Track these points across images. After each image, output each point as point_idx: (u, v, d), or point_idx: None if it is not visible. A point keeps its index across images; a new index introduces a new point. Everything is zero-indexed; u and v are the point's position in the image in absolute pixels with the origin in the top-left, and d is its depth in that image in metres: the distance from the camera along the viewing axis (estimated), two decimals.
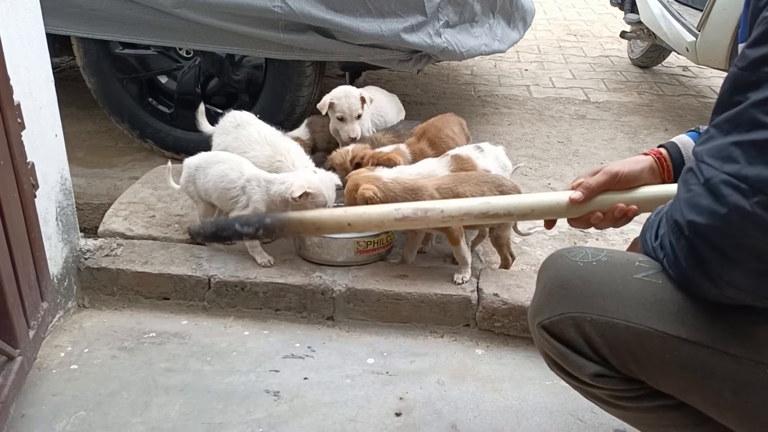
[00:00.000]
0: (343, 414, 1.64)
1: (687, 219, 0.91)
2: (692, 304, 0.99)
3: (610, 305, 1.04)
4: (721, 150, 0.88)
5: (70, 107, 3.38)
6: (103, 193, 2.68)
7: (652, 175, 1.25)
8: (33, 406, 1.64)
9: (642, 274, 1.04)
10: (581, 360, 1.08)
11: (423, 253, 2.31)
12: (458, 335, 1.98)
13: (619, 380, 1.07)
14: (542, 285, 1.16)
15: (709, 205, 0.87)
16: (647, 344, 1.00)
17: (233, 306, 2.05)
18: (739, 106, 0.87)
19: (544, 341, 1.13)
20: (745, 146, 0.85)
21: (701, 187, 0.89)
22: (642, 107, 4.03)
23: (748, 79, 0.87)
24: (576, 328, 1.07)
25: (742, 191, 0.83)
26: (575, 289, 1.08)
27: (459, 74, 4.61)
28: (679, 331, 0.98)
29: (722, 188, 0.86)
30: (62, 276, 1.98)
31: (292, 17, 2.48)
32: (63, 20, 2.70)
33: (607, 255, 1.12)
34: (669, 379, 1.02)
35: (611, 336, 1.04)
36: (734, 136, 0.87)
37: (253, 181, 2.06)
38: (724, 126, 0.89)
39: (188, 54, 2.94)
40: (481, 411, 1.67)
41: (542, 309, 1.13)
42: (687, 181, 0.94)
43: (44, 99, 1.83)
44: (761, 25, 0.86)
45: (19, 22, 1.71)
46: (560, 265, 1.14)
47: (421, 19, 2.56)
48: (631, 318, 1.01)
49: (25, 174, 1.61)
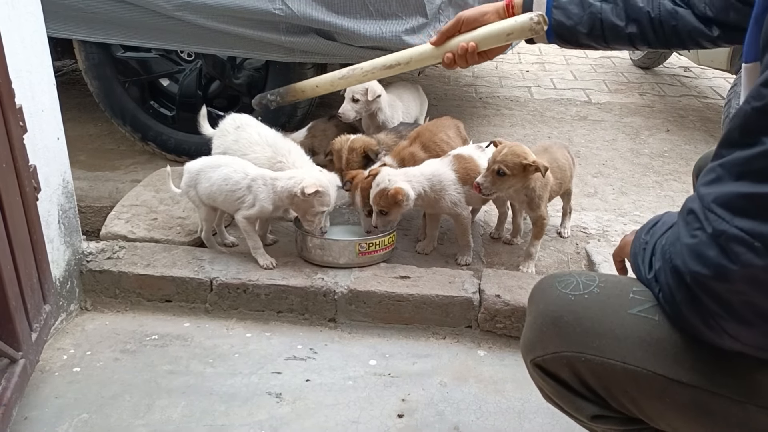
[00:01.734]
0: (345, 416, 1.64)
1: (691, 270, 0.85)
2: (690, 345, 0.94)
3: (606, 345, 0.98)
4: (731, 200, 0.81)
5: (72, 110, 3.39)
6: (105, 196, 2.68)
7: (497, 16, 1.54)
8: (36, 409, 1.64)
9: (637, 308, 0.99)
10: (578, 401, 1.04)
11: (426, 255, 2.31)
12: (460, 336, 1.97)
13: (619, 420, 1.04)
14: (533, 318, 1.10)
15: (718, 260, 0.81)
16: (645, 387, 0.96)
17: (235, 308, 2.05)
18: (751, 149, 0.79)
19: (539, 378, 1.09)
20: (758, 200, 0.79)
21: (708, 237, 0.83)
22: (643, 108, 4.03)
23: (763, 122, 0.79)
24: (570, 368, 1.02)
25: (756, 250, 0.77)
26: (567, 326, 1.02)
27: (460, 76, 4.61)
28: (678, 374, 0.94)
29: (733, 245, 0.79)
30: (64, 279, 1.98)
31: (293, 19, 2.48)
32: (65, 24, 2.71)
33: (599, 285, 1.05)
34: (668, 420, 0.99)
35: (607, 377, 0.99)
36: (745, 185, 0.80)
37: (259, 179, 2.06)
38: (733, 170, 0.82)
39: (189, 57, 2.94)
40: (483, 412, 1.67)
41: (534, 346, 1.07)
42: (689, 223, 0.87)
43: (46, 102, 1.84)
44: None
45: (21, 26, 1.72)
46: (550, 298, 1.07)
47: (422, 21, 2.57)
48: (627, 359, 0.97)
49: (27, 177, 1.61)
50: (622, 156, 3.28)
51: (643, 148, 3.38)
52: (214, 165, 2.14)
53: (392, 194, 2.05)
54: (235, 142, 2.34)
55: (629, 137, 3.54)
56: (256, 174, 2.08)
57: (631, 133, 3.61)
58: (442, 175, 2.17)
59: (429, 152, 2.37)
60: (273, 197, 2.05)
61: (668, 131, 3.65)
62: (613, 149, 3.37)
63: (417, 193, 2.12)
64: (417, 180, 2.14)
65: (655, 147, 3.39)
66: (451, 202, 2.17)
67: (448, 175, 2.17)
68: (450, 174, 2.18)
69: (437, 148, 2.39)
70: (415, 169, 2.20)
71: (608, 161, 3.21)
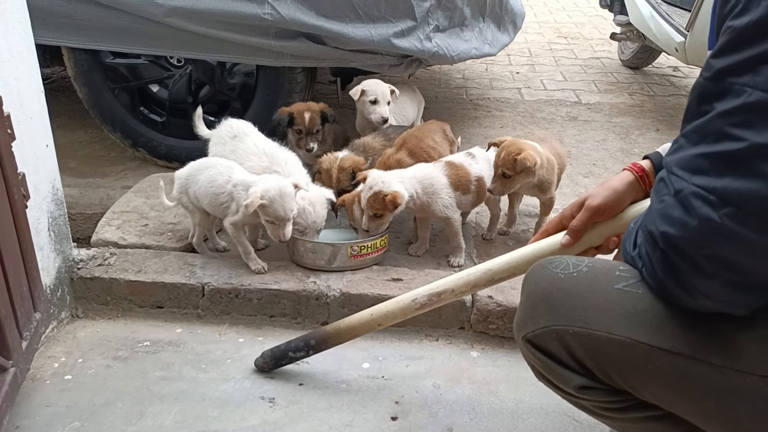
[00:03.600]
0: (338, 419, 1.64)
1: (660, 230, 0.91)
2: (672, 314, 0.99)
3: (592, 317, 1.03)
4: (689, 161, 0.89)
5: (61, 117, 3.37)
6: (96, 203, 2.67)
7: (633, 192, 1.26)
8: (27, 418, 1.63)
9: (622, 284, 1.04)
10: (566, 372, 1.08)
11: (418, 257, 2.31)
12: (453, 338, 1.98)
13: (605, 392, 1.07)
14: (525, 298, 1.16)
15: (681, 217, 0.88)
16: (629, 355, 1.00)
17: (227, 313, 2.05)
18: (706, 116, 0.87)
19: (530, 354, 1.13)
20: (712, 158, 0.85)
21: (672, 198, 0.90)
22: (633, 108, 4.05)
23: (713, 89, 0.87)
24: (559, 340, 1.07)
25: (711, 203, 0.84)
26: (556, 302, 1.08)
27: (451, 78, 4.62)
28: (660, 342, 0.98)
29: (692, 200, 0.86)
30: (55, 286, 1.97)
31: (283, 24, 2.48)
32: (53, 31, 2.70)
33: (588, 265, 1.11)
34: (652, 389, 1.02)
35: (594, 348, 1.03)
36: (702, 147, 0.87)
37: (240, 186, 2.05)
38: (693, 136, 0.90)
39: (179, 62, 2.94)
40: (477, 413, 1.67)
41: (526, 322, 1.13)
42: (659, 191, 0.94)
43: (34, 110, 1.83)
44: (725, 34, 0.86)
45: (8, 33, 1.71)
46: (542, 277, 1.13)
47: (411, 24, 2.57)
48: (612, 329, 1.01)
49: (16, 185, 1.61)
50: (612, 156, 3.30)
51: (633, 148, 3.40)
52: (201, 167, 2.14)
53: (390, 199, 2.05)
54: (233, 152, 2.32)
55: (619, 137, 3.56)
56: (238, 179, 2.07)
57: (621, 133, 3.63)
58: (435, 179, 2.18)
59: (416, 158, 2.37)
60: None
61: (658, 131, 3.67)
62: (603, 149, 3.38)
63: (409, 195, 2.13)
64: (410, 182, 2.15)
65: (645, 147, 3.40)
66: (442, 206, 2.18)
67: (440, 180, 2.19)
68: (442, 179, 2.19)
69: (424, 154, 2.39)
70: (407, 171, 2.21)
71: (599, 161, 3.22)
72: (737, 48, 0.84)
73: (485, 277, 1.43)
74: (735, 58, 0.84)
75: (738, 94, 0.83)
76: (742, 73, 0.83)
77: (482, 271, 1.43)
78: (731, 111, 0.84)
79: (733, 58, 0.84)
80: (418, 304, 1.54)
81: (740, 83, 0.83)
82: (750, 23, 0.82)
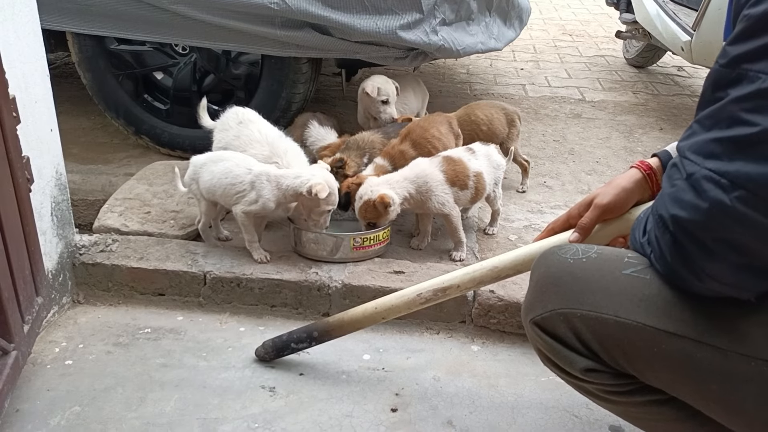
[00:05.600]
0: (338, 409, 1.64)
1: (671, 213, 0.92)
2: (679, 299, 1.00)
3: (600, 301, 1.05)
4: (702, 146, 0.90)
5: (65, 103, 3.36)
6: (98, 189, 2.66)
7: (641, 191, 1.26)
8: (27, 401, 1.63)
9: (630, 269, 1.06)
10: (572, 355, 1.09)
11: (420, 250, 2.31)
12: (454, 332, 1.98)
13: (610, 375, 1.08)
14: (534, 282, 1.17)
15: (692, 200, 0.89)
16: (635, 338, 1.02)
17: (229, 302, 2.05)
18: (720, 102, 0.89)
19: (537, 337, 1.14)
20: (725, 142, 0.87)
21: (684, 182, 0.91)
22: (637, 106, 4.05)
23: (728, 75, 0.88)
24: (566, 323, 1.08)
25: (723, 186, 0.85)
26: (565, 285, 1.10)
27: (455, 73, 4.61)
28: (666, 325, 1.00)
29: (704, 183, 0.87)
30: (57, 271, 1.97)
31: (289, 14, 2.47)
32: (58, 16, 2.69)
33: (597, 252, 1.13)
34: (657, 373, 1.04)
35: (601, 331, 1.05)
36: (715, 132, 0.89)
37: (263, 176, 2.05)
38: (706, 122, 0.91)
39: (184, 50, 2.93)
40: (476, 407, 1.67)
41: (534, 305, 1.14)
42: (671, 176, 0.95)
43: (40, 94, 1.83)
44: (742, 22, 0.87)
45: (15, 16, 1.70)
46: (551, 262, 1.15)
47: (418, 17, 2.56)
48: (620, 313, 1.03)
49: (20, 168, 1.60)
50: (615, 154, 3.29)
51: (637, 146, 3.39)
52: (218, 159, 2.13)
53: (378, 201, 2.06)
54: (236, 138, 2.32)
55: (623, 135, 3.55)
56: (260, 170, 2.07)
57: (624, 131, 3.62)
58: (429, 176, 2.16)
59: (420, 149, 2.36)
60: (277, 194, 2.03)
61: (661, 130, 3.66)
62: (606, 147, 3.38)
63: (402, 198, 2.12)
64: (400, 185, 2.14)
65: (648, 145, 3.40)
66: (438, 203, 2.17)
67: (435, 176, 2.17)
68: (438, 175, 2.17)
69: (428, 145, 2.39)
70: (396, 175, 2.19)
71: (602, 159, 3.22)
72: (753, 35, 0.86)
73: (491, 274, 1.44)
74: (750, 45, 0.86)
75: (752, 80, 0.84)
76: (758, 59, 0.84)
77: (488, 268, 1.44)
78: (745, 96, 0.85)
79: (748, 45, 0.86)
80: (423, 298, 1.54)
81: (755, 69, 0.84)
82: (766, 11, 0.84)
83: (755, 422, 0.96)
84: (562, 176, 2.98)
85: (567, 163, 3.15)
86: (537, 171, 3.01)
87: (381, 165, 2.34)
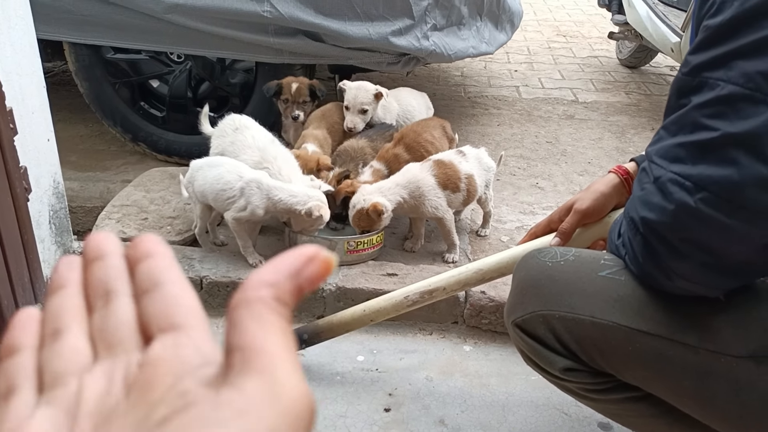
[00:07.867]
0: (332, 410, 1.68)
1: (640, 215, 0.96)
2: (652, 299, 1.03)
3: (577, 302, 1.08)
4: (668, 150, 0.94)
5: (62, 111, 3.40)
6: (96, 197, 2.70)
7: (618, 195, 1.31)
8: None
9: (606, 271, 1.09)
10: (552, 355, 1.12)
11: (413, 253, 2.35)
12: (447, 332, 2.01)
13: (588, 374, 1.11)
14: (515, 285, 1.21)
15: (659, 202, 0.93)
16: (611, 338, 1.05)
17: (225, 306, 2.08)
18: (684, 108, 0.93)
19: (518, 338, 1.18)
20: (689, 147, 0.91)
21: (652, 185, 0.95)
22: (629, 107, 4.09)
23: (690, 83, 0.92)
24: (546, 325, 1.11)
25: (687, 189, 0.89)
26: (544, 288, 1.13)
27: (449, 76, 4.65)
28: (640, 325, 1.03)
29: (669, 186, 0.91)
30: None
31: (282, 21, 2.51)
32: (55, 26, 2.72)
33: (575, 255, 1.16)
34: (633, 371, 1.07)
35: (578, 331, 1.08)
36: (680, 137, 0.93)
37: (252, 183, 2.06)
38: (671, 128, 0.96)
39: (179, 58, 2.97)
40: (468, 406, 1.71)
41: (515, 308, 1.18)
42: (641, 180, 0.99)
43: (36, 104, 1.86)
44: (702, 32, 0.92)
45: (11, 29, 1.74)
46: (531, 265, 1.19)
47: (409, 23, 2.60)
48: (595, 314, 1.06)
49: (18, 178, 1.64)
50: (607, 154, 3.33)
51: (629, 147, 3.43)
52: (214, 164, 2.17)
53: (372, 210, 2.09)
54: (232, 144, 2.34)
55: (615, 136, 3.59)
56: (250, 177, 2.09)
57: (617, 131, 3.66)
58: (421, 181, 2.18)
59: (413, 153, 2.39)
60: (266, 204, 2.05)
61: (653, 130, 3.69)
62: (599, 148, 3.41)
63: (396, 203, 2.15)
64: (392, 192, 2.16)
65: (640, 145, 3.43)
66: (432, 207, 2.19)
67: (427, 181, 2.19)
68: (429, 179, 2.19)
69: (421, 149, 2.41)
70: (388, 182, 2.21)
71: (594, 160, 3.25)
72: (711, 45, 0.90)
73: (476, 277, 1.48)
74: (709, 55, 0.90)
75: (712, 87, 0.89)
76: (716, 68, 0.89)
77: (473, 270, 1.48)
78: (706, 103, 0.89)
79: (707, 55, 0.90)
80: (410, 301, 1.58)
81: (714, 77, 0.89)
82: (723, 22, 0.88)
83: (727, 417, 0.99)
84: (554, 177, 3.02)
85: (559, 164, 3.18)
86: (529, 173, 3.05)
87: (378, 169, 2.36)
